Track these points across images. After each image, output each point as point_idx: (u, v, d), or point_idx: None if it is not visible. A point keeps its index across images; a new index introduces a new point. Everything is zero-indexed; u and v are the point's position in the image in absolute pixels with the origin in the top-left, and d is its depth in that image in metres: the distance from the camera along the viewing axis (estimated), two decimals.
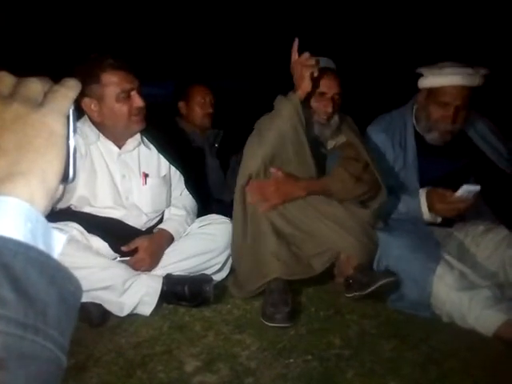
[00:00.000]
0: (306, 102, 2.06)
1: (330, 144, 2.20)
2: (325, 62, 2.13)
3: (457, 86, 2.08)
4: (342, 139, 2.19)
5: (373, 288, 1.90)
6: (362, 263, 2.05)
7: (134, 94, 1.99)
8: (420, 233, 2.06)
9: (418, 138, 2.23)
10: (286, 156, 2.06)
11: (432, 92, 2.14)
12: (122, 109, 1.98)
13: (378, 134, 2.29)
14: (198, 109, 2.81)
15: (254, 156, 2.08)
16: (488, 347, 1.70)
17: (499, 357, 1.66)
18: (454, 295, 1.83)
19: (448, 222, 2.19)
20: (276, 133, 2.04)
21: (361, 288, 1.94)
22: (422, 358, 1.66)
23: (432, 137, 2.18)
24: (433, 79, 2.14)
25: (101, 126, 2.05)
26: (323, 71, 2.06)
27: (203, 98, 2.81)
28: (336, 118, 2.14)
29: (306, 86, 2.00)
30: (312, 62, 1.98)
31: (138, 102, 2.00)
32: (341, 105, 2.16)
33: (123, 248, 2.04)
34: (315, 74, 2.00)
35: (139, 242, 2.04)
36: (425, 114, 2.18)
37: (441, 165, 2.18)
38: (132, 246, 2.04)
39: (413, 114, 2.27)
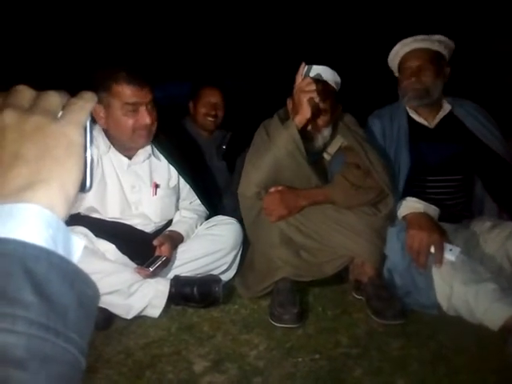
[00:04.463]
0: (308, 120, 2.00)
1: (333, 148, 2.16)
2: (320, 71, 2.07)
3: (412, 50, 2.18)
4: (339, 141, 2.15)
5: (382, 321, 1.86)
6: (376, 269, 2.02)
7: (142, 109, 1.98)
8: None
9: (413, 124, 2.22)
10: (284, 178, 2.04)
11: (399, 70, 2.25)
12: (127, 122, 1.98)
13: (373, 120, 2.30)
14: (202, 109, 2.79)
15: (249, 183, 2.07)
16: (497, 343, 1.69)
17: (508, 353, 1.65)
18: (460, 288, 1.81)
19: (455, 218, 2.18)
20: (271, 160, 2.01)
21: (372, 311, 1.91)
22: (430, 356, 1.66)
23: (407, 100, 2.20)
24: (393, 60, 2.26)
25: (109, 135, 2.06)
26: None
27: (210, 99, 2.79)
28: (325, 131, 2.08)
29: (304, 112, 1.94)
30: (312, 87, 1.92)
31: (145, 118, 1.98)
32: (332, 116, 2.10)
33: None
34: (316, 100, 1.95)
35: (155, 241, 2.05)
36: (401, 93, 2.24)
37: (437, 150, 2.16)
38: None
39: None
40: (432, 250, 1.90)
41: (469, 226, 2.16)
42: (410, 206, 2.04)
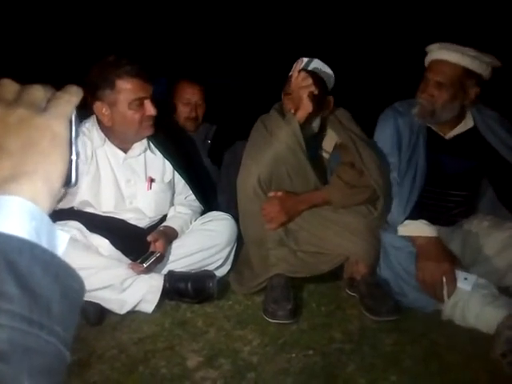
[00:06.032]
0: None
1: (329, 145, 2.15)
2: (309, 63, 2.06)
3: (439, 61, 1.98)
4: (333, 138, 2.13)
5: (376, 318, 1.86)
6: (370, 267, 2.02)
7: (147, 102, 1.98)
8: None
9: (431, 131, 2.11)
10: (282, 175, 2.03)
11: (425, 70, 2.06)
12: (134, 116, 1.97)
13: (388, 113, 2.16)
14: (181, 108, 2.58)
15: (249, 176, 2.05)
16: (488, 341, 1.70)
17: (494, 357, 1.65)
18: (452, 298, 1.82)
19: (451, 223, 2.15)
20: (272, 154, 2.00)
21: (366, 309, 1.91)
22: (422, 352, 1.67)
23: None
24: (427, 57, 2.06)
25: (109, 131, 2.04)
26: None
27: (189, 97, 2.57)
28: (313, 122, 2.06)
29: (305, 107, 1.95)
30: (309, 81, 1.93)
31: (150, 110, 1.98)
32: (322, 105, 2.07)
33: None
34: (315, 93, 1.96)
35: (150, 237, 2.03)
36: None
37: (449, 164, 2.08)
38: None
39: None
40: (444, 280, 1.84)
41: (463, 224, 2.16)
42: (417, 227, 1.97)
